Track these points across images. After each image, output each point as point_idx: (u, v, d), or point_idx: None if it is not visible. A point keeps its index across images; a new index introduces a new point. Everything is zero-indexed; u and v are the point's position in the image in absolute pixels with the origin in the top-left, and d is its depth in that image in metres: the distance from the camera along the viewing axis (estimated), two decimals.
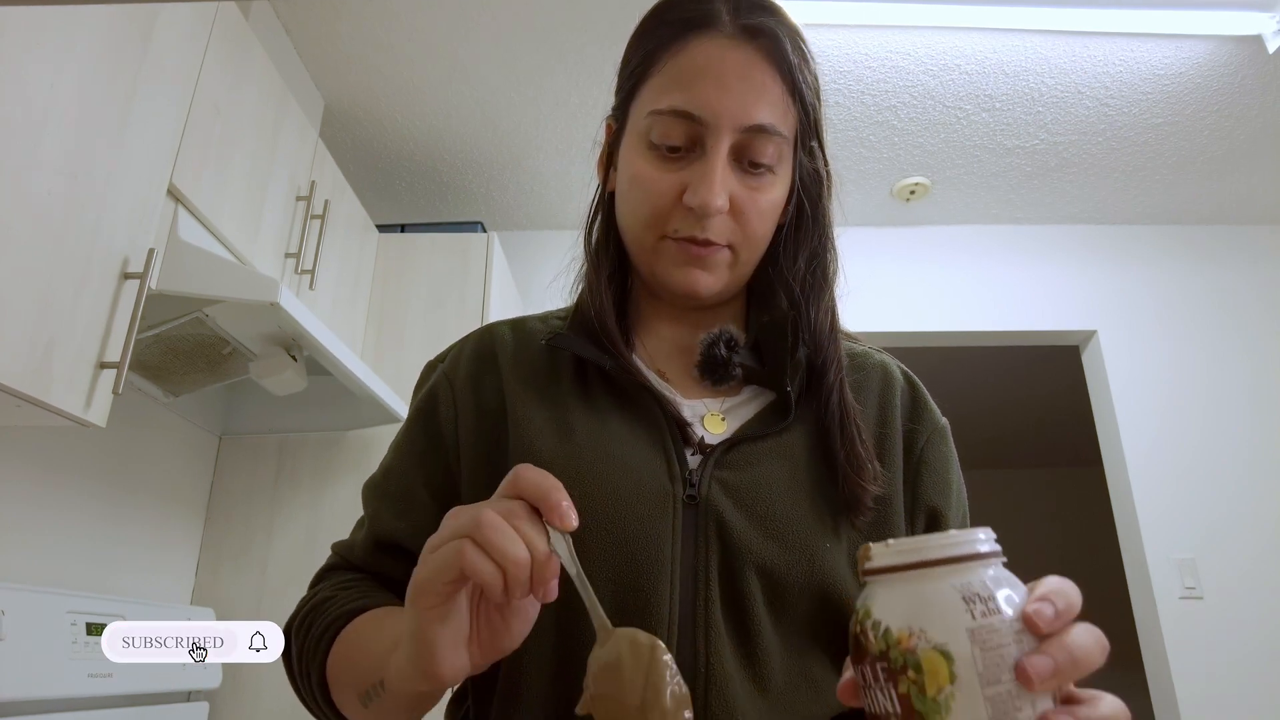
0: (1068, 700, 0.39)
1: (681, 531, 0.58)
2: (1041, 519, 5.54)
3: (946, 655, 0.36)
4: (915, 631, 0.37)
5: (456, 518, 0.45)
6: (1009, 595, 0.38)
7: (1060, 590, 0.39)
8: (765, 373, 0.65)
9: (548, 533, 0.44)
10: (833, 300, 0.68)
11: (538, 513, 0.44)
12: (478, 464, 0.64)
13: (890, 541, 0.41)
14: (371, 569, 0.66)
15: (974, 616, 0.37)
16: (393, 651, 0.48)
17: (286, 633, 0.64)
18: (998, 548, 0.40)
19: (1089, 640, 0.38)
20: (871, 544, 0.41)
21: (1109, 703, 0.39)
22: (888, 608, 0.39)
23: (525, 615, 0.47)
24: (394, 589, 0.64)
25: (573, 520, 0.44)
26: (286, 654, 0.64)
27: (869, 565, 0.41)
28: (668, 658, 0.44)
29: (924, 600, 0.38)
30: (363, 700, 0.53)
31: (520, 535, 0.43)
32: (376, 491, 0.69)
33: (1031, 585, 0.40)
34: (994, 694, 0.35)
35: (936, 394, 0.73)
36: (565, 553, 0.45)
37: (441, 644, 0.44)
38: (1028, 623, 0.37)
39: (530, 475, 0.45)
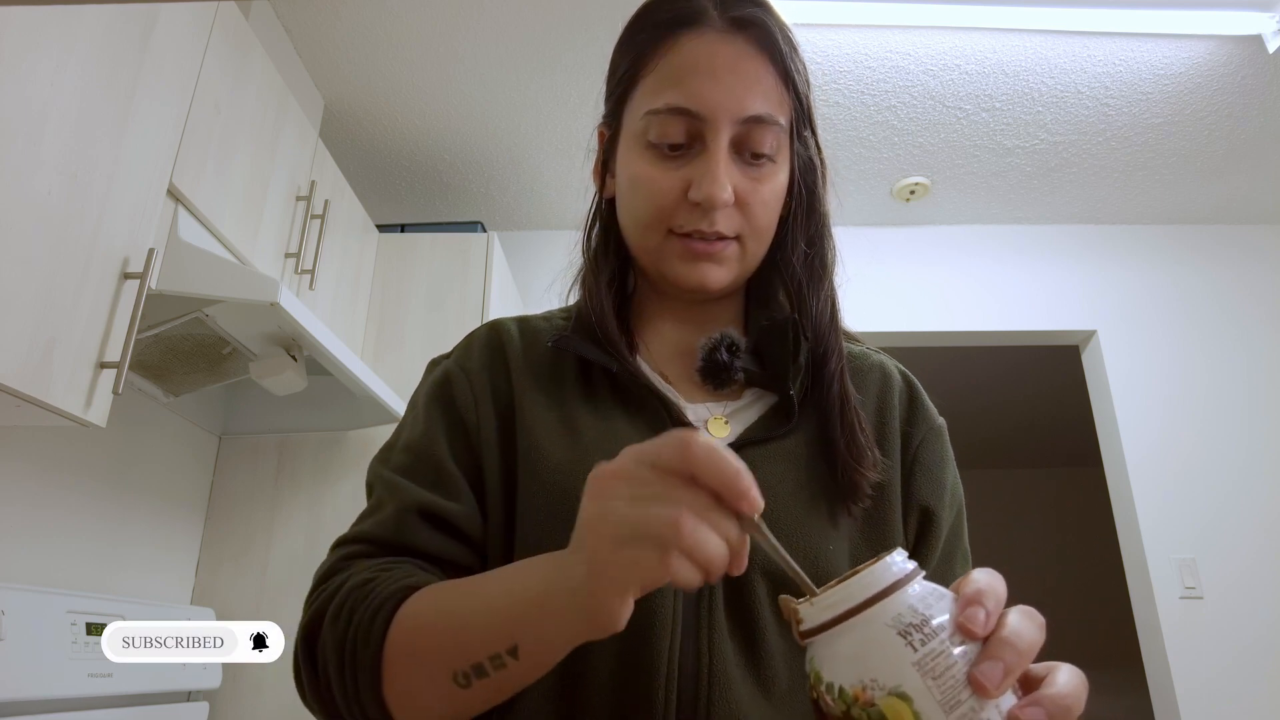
0: (1026, 682, 0.39)
1: None
2: (1041, 519, 5.54)
3: (903, 697, 0.37)
4: (867, 683, 0.38)
5: (636, 501, 0.40)
6: (940, 611, 0.39)
7: (986, 588, 0.39)
8: (767, 376, 0.65)
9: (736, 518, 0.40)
10: (832, 290, 0.68)
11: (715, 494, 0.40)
12: (495, 455, 0.63)
13: (814, 600, 0.40)
14: (405, 542, 0.59)
15: (915, 648, 0.37)
16: (533, 613, 0.44)
17: (309, 634, 0.55)
18: (911, 564, 0.40)
19: (1027, 627, 0.39)
20: (798, 605, 0.41)
21: (1065, 675, 0.39)
22: (835, 667, 0.39)
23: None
24: (434, 564, 0.59)
25: (761, 503, 0.40)
26: (309, 657, 0.54)
27: (803, 629, 0.41)
28: None
29: (864, 649, 0.38)
30: (461, 679, 0.47)
31: (716, 531, 0.39)
32: (393, 466, 0.63)
33: (956, 583, 0.41)
34: (959, 715, 0.36)
35: (936, 394, 0.73)
36: (760, 534, 0.41)
37: (624, 609, 0.41)
38: (964, 632, 0.38)
39: (708, 459, 0.39)
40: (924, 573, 0.40)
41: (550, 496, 0.59)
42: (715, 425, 0.64)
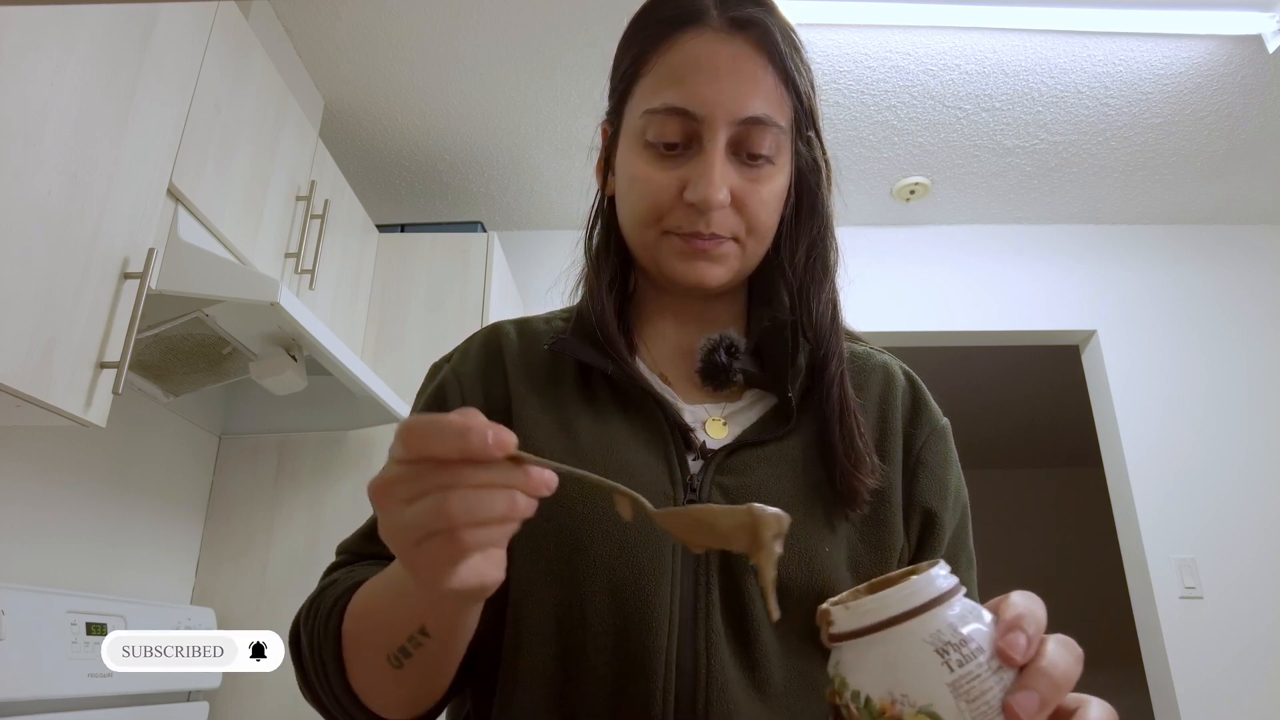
0: (1056, 714, 0.38)
1: None
2: (1041, 519, 5.54)
3: (934, 717, 0.36)
4: (897, 698, 0.36)
5: (414, 506, 0.39)
6: (978, 632, 0.37)
7: (1027, 613, 0.38)
8: (766, 378, 0.65)
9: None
10: (834, 292, 0.68)
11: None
12: None
13: (849, 603, 0.39)
14: (376, 554, 0.63)
15: (951, 668, 0.36)
16: (422, 598, 0.47)
17: (295, 636, 0.60)
18: (954, 580, 0.39)
19: (1066, 658, 0.38)
20: (830, 607, 0.40)
21: (1096, 711, 0.39)
22: (863, 676, 0.38)
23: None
24: None
25: (507, 437, 0.38)
26: (298, 658, 0.59)
27: (833, 631, 0.40)
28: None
29: (898, 662, 0.37)
30: (394, 660, 0.50)
31: (497, 487, 0.39)
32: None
33: (994, 603, 0.40)
34: None
35: (936, 394, 0.72)
36: (537, 462, 0.39)
37: (456, 578, 0.41)
38: (1003, 657, 0.37)
39: (431, 433, 0.38)
40: (964, 590, 0.39)
41: (547, 500, 0.59)
42: (713, 426, 0.64)
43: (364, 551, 0.65)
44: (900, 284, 2.85)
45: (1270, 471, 2.58)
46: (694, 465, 0.61)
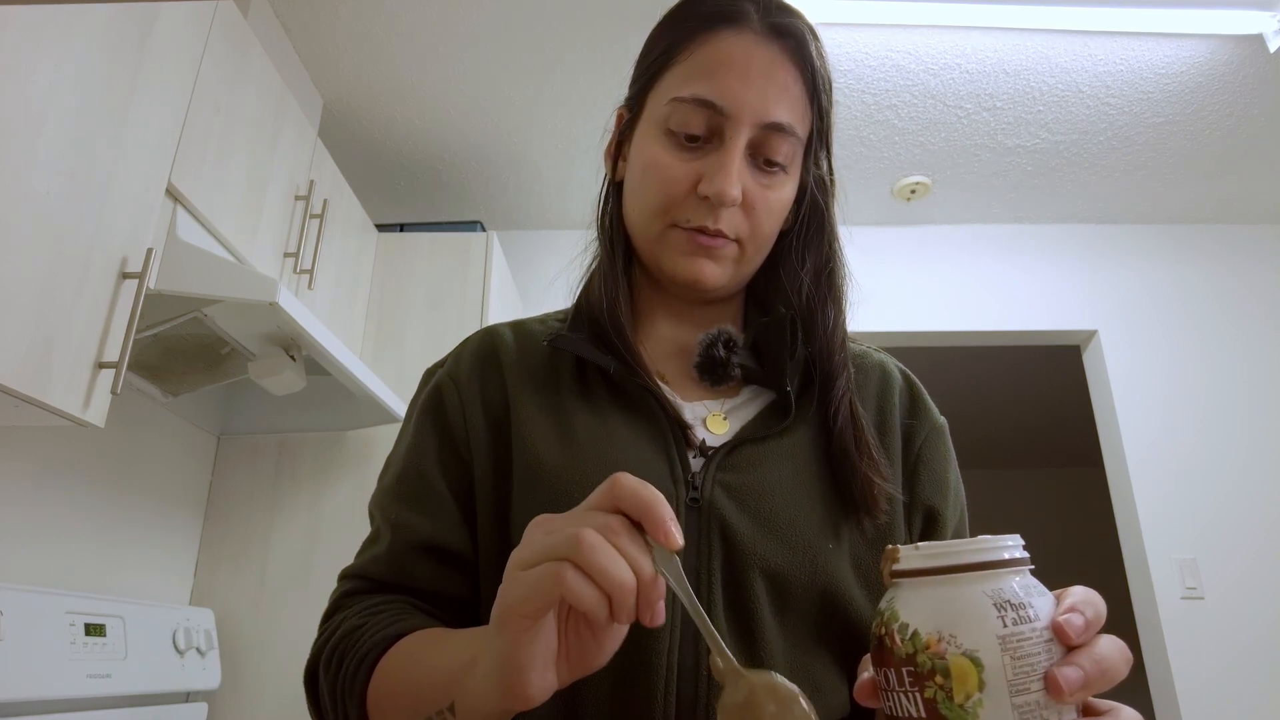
0: (1088, 711, 0.39)
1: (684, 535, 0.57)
2: (1041, 519, 5.54)
3: (976, 662, 0.36)
4: (945, 637, 0.37)
5: (549, 533, 0.41)
6: (1038, 604, 0.38)
7: (1089, 601, 0.39)
8: (764, 372, 0.65)
9: (651, 550, 0.40)
10: (842, 313, 0.68)
11: (638, 527, 0.41)
12: (487, 463, 0.63)
13: (919, 545, 0.40)
14: (400, 581, 0.62)
15: (1005, 624, 0.37)
16: (465, 673, 0.46)
17: (311, 672, 0.60)
18: (1026, 555, 0.40)
19: (1116, 652, 0.38)
20: (900, 546, 0.41)
21: (1128, 716, 0.39)
22: (916, 611, 0.39)
23: (617, 633, 0.44)
24: (426, 600, 0.62)
25: (679, 539, 0.40)
26: (313, 694, 0.60)
27: (897, 567, 0.41)
28: (809, 708, 0.41)
29: (954, 605, 0.38)
30: None
31: (624, 555, 0.39)
32: (392, 497, 0.65)
33: (1058, 594, 0.41)
34: (1022, 703, 0.36)
35: (937, 394, 0.72)
36: (674, 575, 0.41)
37: (531, 664, 0.41)
38: (1058, 632, 0.37)
39: (630, 486, 0.41)
40: (1033, 568, 0.40)
41: (546, 500, 0.59)
42: (714, 421, 0.64)
43: (395, 577, 0.63)
44: (900, 284, 2.84)
45: (1270, 471, 2.58)
46: (695, 463, 0.61)
